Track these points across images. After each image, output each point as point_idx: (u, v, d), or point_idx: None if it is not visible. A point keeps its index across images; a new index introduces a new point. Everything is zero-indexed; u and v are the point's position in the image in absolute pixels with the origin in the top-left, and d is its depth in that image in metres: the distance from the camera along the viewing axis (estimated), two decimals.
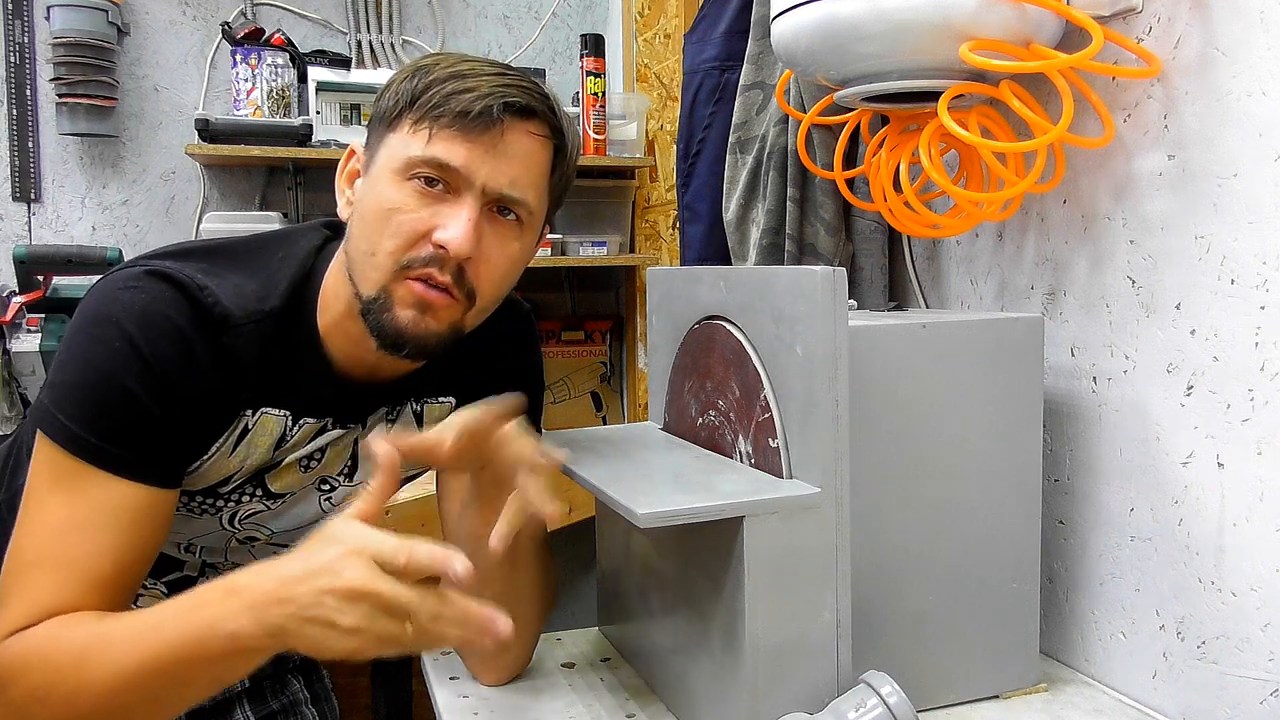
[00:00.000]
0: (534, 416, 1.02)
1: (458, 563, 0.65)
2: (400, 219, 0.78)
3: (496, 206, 0.81)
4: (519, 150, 0.80)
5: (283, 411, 0.86)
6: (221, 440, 0.84)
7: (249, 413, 0.85)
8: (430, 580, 0.66)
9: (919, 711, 0.75)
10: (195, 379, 0.79)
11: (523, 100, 0.80)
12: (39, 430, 0.77)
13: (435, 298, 0.79)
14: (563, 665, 1.01)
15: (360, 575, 0.64)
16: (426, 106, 0.78)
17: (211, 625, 0.68)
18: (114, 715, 0.71)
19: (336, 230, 0.91)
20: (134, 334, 0.77)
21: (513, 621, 0.93)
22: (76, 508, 0.75)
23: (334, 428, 0.90)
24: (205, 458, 0.84)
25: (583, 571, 2.30)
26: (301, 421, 0.87)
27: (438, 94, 0.78)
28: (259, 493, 0.90)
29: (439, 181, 0.79)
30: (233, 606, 0.67)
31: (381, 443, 0.71)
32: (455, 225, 0.78)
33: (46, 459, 0.77)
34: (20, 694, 0.71)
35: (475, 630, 0.67)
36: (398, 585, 0.64)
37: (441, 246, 0.78)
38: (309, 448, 0.89)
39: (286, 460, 0.89)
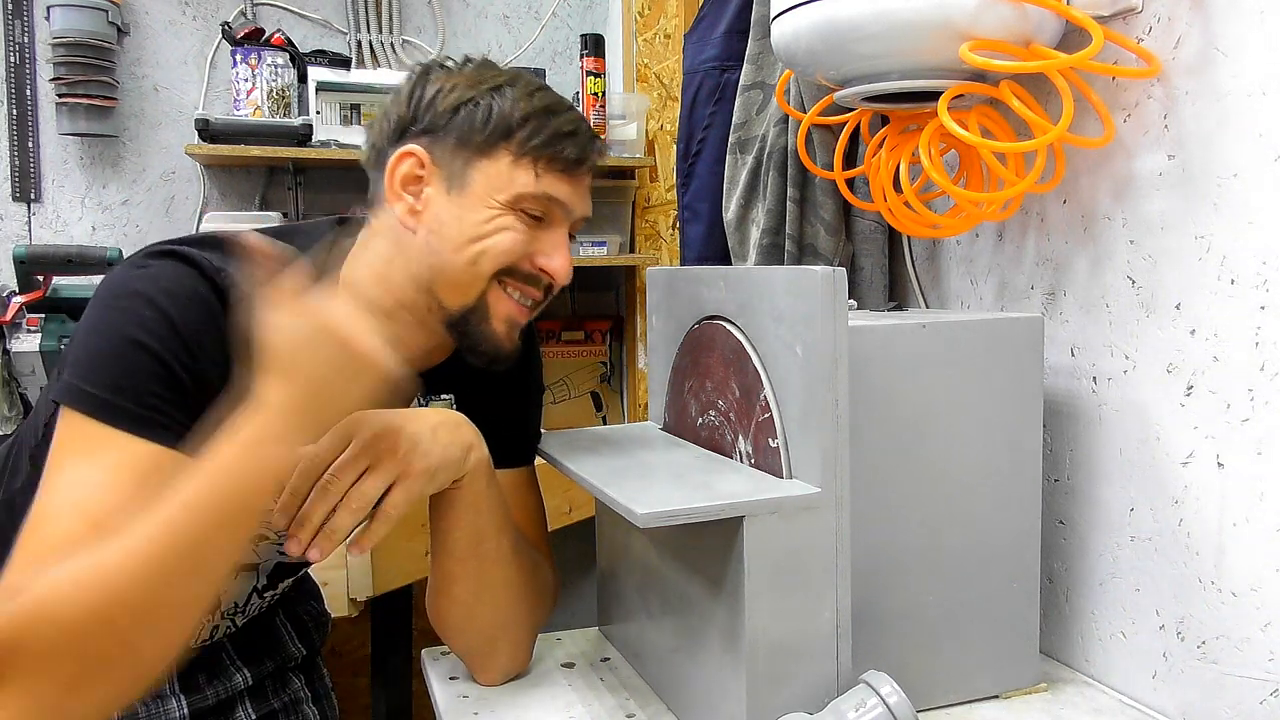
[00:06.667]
0: (533, 417, 1.02)
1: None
2: (508, 245, 0.85)
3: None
4: (588, 184, 0.90)
5: None
6: None
7: None
8: None
9: (919, 711, 0.76)
10: (221, 351, 0.77)
11: (602, 146, 0.90)
12: (61, 406, 0.75)
13: (525, 316, 0.89)
14: (563, 665, 1.01)
15: None
16: (529, 145, 0.84)
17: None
18: (141, 607, 0.64)
19: (347, 226, 0.91)
20: (163, 303, 0.76)
21: (500, 620, 0.93)
22: (97, 470, 0.72)
23: None
24: None
25: (583, 571, 2.30)
26: None
27: (539, 130, 0.84)
28: None
29: (541, 214, 0.86)
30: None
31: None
32: (559, 256, 0.87)
33: (67, 429, 0.74)
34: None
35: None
36: None
37: (545, 272, 0.86)
38: None
39: None
